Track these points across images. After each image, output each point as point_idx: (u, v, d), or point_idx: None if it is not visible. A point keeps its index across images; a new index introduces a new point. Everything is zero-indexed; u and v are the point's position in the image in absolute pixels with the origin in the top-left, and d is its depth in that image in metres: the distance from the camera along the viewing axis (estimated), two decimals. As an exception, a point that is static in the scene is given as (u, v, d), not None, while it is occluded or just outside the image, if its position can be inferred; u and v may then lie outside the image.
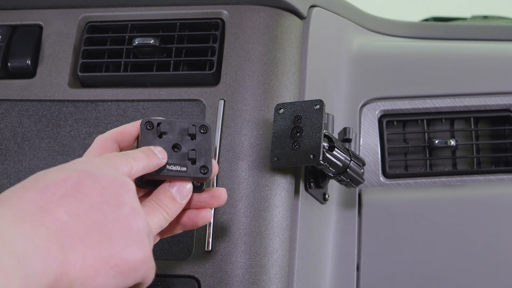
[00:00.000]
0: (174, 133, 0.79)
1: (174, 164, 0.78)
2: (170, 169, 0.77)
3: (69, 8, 1.08)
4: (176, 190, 0.77)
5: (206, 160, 0.78)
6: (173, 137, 0.79)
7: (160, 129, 0.78)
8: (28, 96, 1.04)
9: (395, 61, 1.19)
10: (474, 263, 1.04)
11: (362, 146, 1.14)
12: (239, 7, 1.03)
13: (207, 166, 0.78)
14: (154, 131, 0.78)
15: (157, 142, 0.78)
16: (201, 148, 0.79)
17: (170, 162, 0.77)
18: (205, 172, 0.78)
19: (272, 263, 0.92)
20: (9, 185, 1.01)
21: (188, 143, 0.79)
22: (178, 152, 0.78)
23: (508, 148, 1.15)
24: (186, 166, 0.78)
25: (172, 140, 0.78)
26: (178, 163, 0.78)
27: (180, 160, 0.78)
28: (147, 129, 0.78)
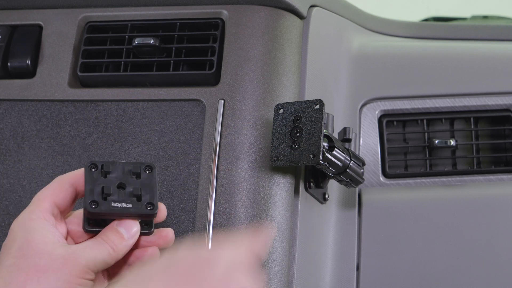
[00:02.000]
0: (119, 172, 0.80)
1: (119, 201, 0.78)
2: (115, 206, 0.78)
3: (69, 8, 1.08)
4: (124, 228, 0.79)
5: (151, 197, 0.79)
6: (118, 177, 0.79)
7: (104, 169, 0.79)
8: (28, 96, 1.04)
9: (395, 61, 1.19)
10: (474, 263, 1.04)
11: (362, 146, 1.14)
12: (239, 7, 1.03)
13: (152, 203, 0.79)
14: (98, 171, 0.79)
15: (102, 182, 0.78)
16: (146, 186, 0.80)
17: (115, 199, 0.78)
18: (151, 208, 0.79)
19: (272, 263, 0.92)
20: (9, 185, 1.01)
21: (133, 182, 0.79)
22: (123, 191, 0.79)
23: (508, 148, 1.15)
24: (132, 203, 0.78)
25: (116, 180, 0.79)
26: (123, 200, 0.78)
27: (125, 197, 0.79)
28: (92, 170, 0.79)
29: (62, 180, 0.80)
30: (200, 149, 0.97)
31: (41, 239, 0.75)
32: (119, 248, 0.78)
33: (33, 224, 0.77)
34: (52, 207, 0.79)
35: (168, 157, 0.98)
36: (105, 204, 0.78)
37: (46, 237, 0.76)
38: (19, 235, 0.76)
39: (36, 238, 0.75)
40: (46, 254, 0.74)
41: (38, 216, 0.77)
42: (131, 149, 0.99)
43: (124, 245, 0.78)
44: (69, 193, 0.80)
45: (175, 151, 0.98)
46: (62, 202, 0.80)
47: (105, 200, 0.78)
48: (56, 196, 0.79)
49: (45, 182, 0.99)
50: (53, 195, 0.79)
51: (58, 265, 0.74)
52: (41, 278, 0.73)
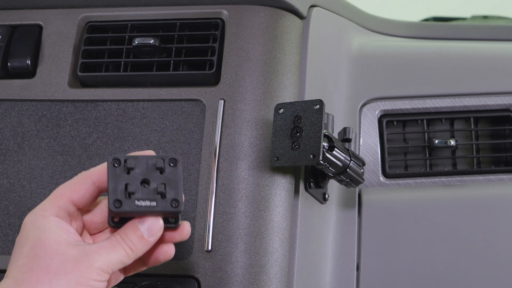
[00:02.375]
0: (142, 168, 0.77)
1: (143, 199, 0.76)
2: (139, 204, 0.75)
3: (69, 8, 1.08)
4: (146, 227, 0.76)
5: (176, 193, 0.76)
6: (141, 172, 0.77)
7: (127, 165, 0.76)
8: (28, 96, 1.04)
9: (395, 61, 1.19)
10: (474, 263, 1.04)
11: (362, 146, 1.14)
12: (239, 7, 1.03)
13: (177, 199, 0.76)
14: (121, 167, 0.76)
15: (125, 179, 0.76)
16: (170, 181, 0.77)
17: (139, 197, 0.76)
18: (176, 205, 0.76)
19: (272, 263, 0.92)
20: (9, 185, 1.01)
21: (157, 177, 0.77)
22: (147, 187, 0.76)
23: (508, 148, 1.15)
24: (156, 201, 0.76)
25: (140, 176, 0.77)
26: (147, 198, 0.76)
27: (150, 195, 0.76)
28: (114, 166, 0.76)
29: (84, 177, 0.78)
30: (200, 149, 0.97)
31: (53, 239, 0.74)
32: (137, 247, 0.76)
33: (46, 222, 0.75)
34: (68, 205, 0.77)
35: (168, 157, 0.98)
36: (129, 203, 0.75)
37: (60, 237, 0.74)
38: (32, 233, 0.75)
39: (49, 238, 0.74)
40: (58, 255, 0.73)
41: (51, 214, 0.76)
42: (131, 149, 0.99)
43: (143, 245, 0.76)
44: (89, 192, 0.78)
45: (175, 151, 0.98)
46: (81, 200, 0.78)
47: (129, 199, 0.76)
48: (75, 193, 0.77)
49: (45, 182, 0.99)
50: (71, 191, 0.77)
51: (70, 267, 0.72)
52: (52, 280, 0.72)
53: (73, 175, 0.99)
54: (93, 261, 0.73)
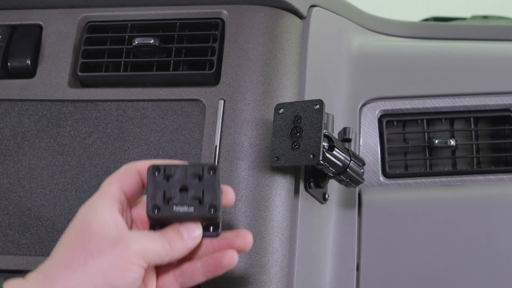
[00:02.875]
0: (181, 175, 0.79)
1: (181, 205, 0.78)
2: (177, 210, 0.77)
3: (69, 8, 1.08)
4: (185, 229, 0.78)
5: (213, 199, 0.78)
6: (180, 179, 0.78)
7: (166, 173, 0.78)
8: (28, 96, 1.04)
9: (395, 61, 1.19)
10: (474, 263, 1.04)
11: (362, 146, 1.14)
12: (239, 7, 1.03)
13: (215, 205, 0.78)
14: (161, 175, 0.78)
15: (164, 186, 0.78)
16: (208, 188, 0.78)
17: (177, 203, 0.78)
18: (214, 211, 0.78)
19: (272, 263, 0.92)
20: (9, 185, 1.01)
21: (195, 184, 0.79)
22: (186, 193, 0.78)
23: (508, 148, 1.15)
24: (194, 206, 0.78)
25: (178, 183, 0.78)
26: (185, 203, 0.78)
27: (187, 200, 0.78)
28: (154, 174, 0.78)
29: (129, 167, 0.80)
30: (200, 149, 0.97)
31: (97, 221, 0.75)
32: (176, 245, 0.77)
33: (97, 206, 0.77)
34: (119, 192, 0.79)
35: (168, 157, 0.98)
36: (167, 208, 0.77)
37: (104, 220, 0.75)
38: (80, 216, 0.76)
39: (93, 220, 0.75)
40: (98, 235, 0.74)
41: (104, 200, 0.77)
42: (131, 149, 0.99)
43: (182, 245, 0.77)
44: (135, 180, 0.79)
45: (175, 151, 0.98)
46: (129, 188, 0.79)
47: (167, 205, 0.77)
48: (123, 182, 0.79)
49: (45, 182, 0.99)
50: (120, 180, 0.79)
51: (107, 247, 0.73)
52: (88, 258, 0.73)
53: (73, 175, 0.99)
54: (132, 243, 0.74)
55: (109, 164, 0.99)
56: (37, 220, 0.99)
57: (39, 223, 0.99)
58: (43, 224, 0.99)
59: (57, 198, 0.99)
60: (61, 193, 0.99)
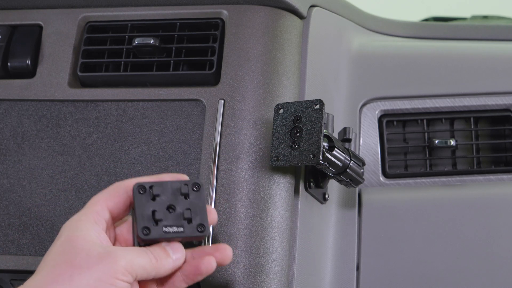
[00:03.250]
0: (167, 194, 0.80)
1: (170, 226, 0.79)
2: (167, 230, 0.78)
3: (69, 8, 1.08)
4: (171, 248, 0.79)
5: (201, 218, 0.80)
6: (167, 198, 0.80)
7: (152, 192, 0.79)
8: (28, 96, 1.04)
9: (395, 61, 1.19)
10: (474, 263, 1.04)
11: (362, 146, 1.14)
12: (239, 7, 1.03)
13: (203, 224, 0.80)
14: (147, 194, 0.79)
15: (151, 205, 0.79)
16: (195, 206, 0.80)
17: (166, 223, 0.79)
18: (202, 230, 0.79)
19: (272, 263, 0.92)
20: (9, 185, 1.01)
21: (182, 203, 0.80)
22: (173, 213, 0.79)
23: (508, 148, 1.15)
24: (183, 226, 0.79)
25: (165, 202, 0.80)
26: (174, 224, 0.79)
27: (176, 220, 0.79)
28: (140, 193, 0.79)
29: (117, 185, 0.81)
30: (200, 149, 0.97)
31: (82, 237, 0.76)
32: (162, 262, 0.78)
33: (81, 224, 0.77)
34: (104, 210, 0.79)
35: (168, 157, 0.98)
36: (157, 229, 0.78)
37: (89, 236, 0.76)
38: (65, 233, 0.77)
39: (78, 236, 0.76)
40: (83, 251, 0.74)
41: (88, 218, 0.78)
42: (131, 149, 0.99)
43: (167, 262, 0.78)
44: (122, 199, 0.80)
45: (175, 151, 0.98)
46: (115, 207, 0.80)
47: (156, 226, 0.79)
48: (110, 200, 0.80)
49: (45, 182, 0.99)
50: (106, 199, 0.80)
51: (93, 263, 0.74)
52: (74, 273, 0.73)
53: (73, 175, 0.99)
54: (118, 259, 0.75)
55: (109, 164, 0.99)
56: (37, 220, 0.99)
57: (39, 223, 0.99)
58: (43, 224, 0.99)
59: (57, 198, 0.99)
60: (61, 193, 0.99)
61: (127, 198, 0.80)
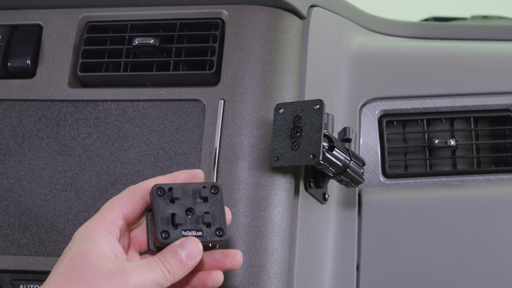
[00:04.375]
0: (186, 197, 0.79)
1: (189, 230, 0.78)
2: (186, 235, 0.78)
3: (69, 8, 1.08)
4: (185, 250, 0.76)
5: (220, 223, 0.79)
6: (186, 202, 0.79)
7: (172, 194, 0.78)
8: (28, 96, 1.04)
9: (395, 61, 1.19)
10: (474, 263, 1.04)
11: (362, 146, 1.14)
12: (239, 7, 1.03)
13: (222, 229, 0.79)
14: (166, 196, 0.78)
15: (170, 208, 0.78)
16: (214, 210, 0.79)
17: (185, 227, 0.78)
18: (221, 234, 0.78)
19: (272, 263, 0.92)
20: (9, 185, 1.01)
21: (201, 206, 0.79)
22: (192, 216, 0.78)
23: (508, 148, 1.15)
24: (202, 230, 0.78)
25: (185, 205, 0.79)
26: (193, 228, 0.78)
27: (195, 224, 0.78)
28: (158, 195, 0.78)
29: (133, 191, 0.79)
30: (200, 149, 0.97)
31: (95, 252, 0.74)
32: (175, 271, 0.76)
33: (94, 234, 0.75)
34: (119, 218, 0.78)
35: (168, 157, 0.98)
36: (176, 233, 0.77)
37: (101, 250, 0.74)
38: (76, 244, 0.75)
39: (90, 250, 0.74)
40: (95, 268, 0.73)
41: (102, 227, 0.76)
42: (131, 149, 0.99)
43: (182, 268, 0.76)
44: (139, 205, 0.79)
45: (175, 151, 0.98)
46: (131, 213, 0.78)
47: (175, 229, 0.78)
48: (125, 207, 0.78)
49: (45, 182, 0.99)
50: (121, 206, 0.78)
51: (104, 280, 0.72)
52: None
53: (73, 175, 0.99)
54: (128, 278, 0.73)
55: (109, 164, 0.99)
56: (37, 220, 0.99)
57: (39, 223, 0.99)
58: (43, 224, 0.99)
59: (57, 198, 0.99)
60: (61, 193, 0.99)
61: (143, 203, 0.79)
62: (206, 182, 0.81)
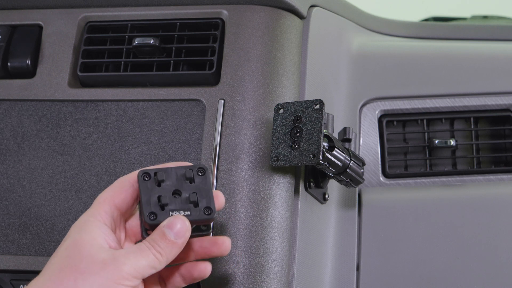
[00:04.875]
0: (172, 179, 0.79)
1: (177, 210, 0.78)
2: (173, 214, 0.78)
3: (69, 8, 1.08)
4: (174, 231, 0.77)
5: (208, 201, 0.79)
6: (172, 184, 0.79)
7: (157, 178, 0.78)
8: (28, 96, 1.04)
9: (395, 61, 1.19)
10: (474, 263, 1.04)
11: (362, 146, 1.14)
12: (239, 7, 1.03)
13: (210, 207, 0.79)
14: (152, 181, 0.79)
15: (157, 191, 0.78)
16: (201, 190, 0.79)
17: (173, 208, 0.78)
18: (209, 213, 0.79)
19: (272, 263, 0.92)
20: (9, 185, 1.01)
21: (187, 187, 0.79)
22: (179, 198, 0.79)
23: (508, 148, 1.15)
24: (190, 210, 0.78)
25: (171, 187, 0.79)
26: (181, 208, 0.78)
27: (183, 204, 0.78)
28: (144, 180, 0.79)
29: (123, 180, 0.80)
30: (200, 149, 0.97)
31: (88, 241, 0.75)
32: (166, 252, 0.76)
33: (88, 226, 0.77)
34: (112, 209, 0.79)
35: (168, 157, 0.98)
36: (163, 214, 0.77)
37: (95, 240, 0.75)
38: (71, 235, 0.76)
39: (84, 240, 0.75)
40: (88, 257, 0.74)
41: (97, 219, 0.77)
42: (131, 149, 0.99)
43: (172, 248, 0.77)
44: (129, 193, 0.80)
45: (175, 151, 0.98)
46: (123, 203, 0.79)
47: (162, 211, 0.78)
48: (117, 197, 0.79)
49: (45, 182, 0.99)
50: (113, 196, 0.79)
51: (97, 268, 0.73)
52: (78, 278, 0.73)
53: (73, 175, 0.99)
54: (121, 265, 0.74)
55: (109, 164, 0.99)
56: (37, 220, 0.99)
57: (39, 223, 0.99)
58: (43, 224, 0.99)
59: (57, 198, 0.99)
60: (61, 193, 0.99)
61: (134, 191, 0.80)
62: (192, 165, 0.81)
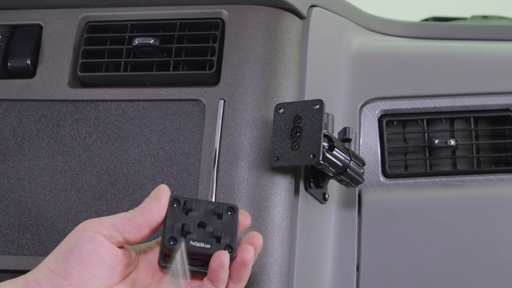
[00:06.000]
0: (201, 211, 0.79)
1: (198, 241, 0.78)
2: (194, 245, 0.77)
3: (69, 8, 1.08)
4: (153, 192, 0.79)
5: (231, 240, 0.78)
6: (199, 215, 0.79)
7: (186, 206, 0.79)
8: (28, 96, 1.04)
9: (395, 61, 1.19)
10: (474, 263, 1.04)
11: (362, 146, 1.14)
12: (239, 7, 1.03)
13: (231, 246, 0.78)
14: (180, 208, 0.79)
15: (183, 219, 0.78)
16: (227, 228, 0.79)
17: (194, 238, 0.78)
18: (230, 251, 0.78)
19: (272, 263, 0.92)
20: (9, 185, 1.01)
21: (214, 222, 0.79)
22: (203, 230, 0.78)
23: (508, 148, 1.15)
24: (211, 244, 0.78)
25: (198, 218, 0.79)
26: (202, 240, 0.78)
27: (205, 237, 0.78)
28: (174, 205, 0.79)
29: None
30: (200, 149, 0.97)
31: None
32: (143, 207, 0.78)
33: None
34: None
35: (168, 157, 0.98)
36: (184, 242, 0.77)
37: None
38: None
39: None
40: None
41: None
42: (131, 149, 0.99)
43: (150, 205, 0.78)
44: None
45: (175, 151, 0.98)
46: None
47: (184, 238, 0.77)
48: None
49: (45, 182, 0.99)
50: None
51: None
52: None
53: (73, 175, 0.99)
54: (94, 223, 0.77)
55: (109, 164, 0.99)
56: (37, 220, 0.99)
57: (39, 223, 0.99)
58: (43, 224, 0.99)
59: (57, 198, 0.99)
60: (61, 193, 0.99)
61: None
62: (224, 203, 0.81)
